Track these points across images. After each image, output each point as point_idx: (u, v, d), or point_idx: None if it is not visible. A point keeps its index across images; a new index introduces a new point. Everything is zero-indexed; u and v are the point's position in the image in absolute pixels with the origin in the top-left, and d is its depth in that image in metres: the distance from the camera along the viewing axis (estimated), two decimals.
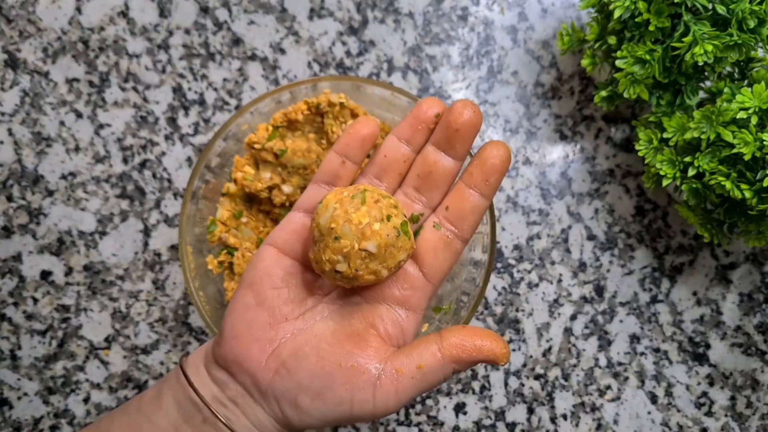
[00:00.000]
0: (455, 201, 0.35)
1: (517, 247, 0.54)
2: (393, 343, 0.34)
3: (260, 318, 0.33)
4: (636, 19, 0.45)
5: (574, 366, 0.53)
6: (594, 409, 0.53)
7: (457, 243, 0.35)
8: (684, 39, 0.44)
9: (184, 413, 0.32)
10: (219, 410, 0.32)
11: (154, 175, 0.53)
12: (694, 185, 0.46)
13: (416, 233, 0.35)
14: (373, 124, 0.35)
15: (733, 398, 0.53)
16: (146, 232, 0.53)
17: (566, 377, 0.53)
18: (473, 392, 0.53)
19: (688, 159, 0.45)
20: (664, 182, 0.47)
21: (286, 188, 0.45)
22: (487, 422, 0.53)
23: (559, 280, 0.54)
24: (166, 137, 0.53)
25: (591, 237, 0.54)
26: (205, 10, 0.55)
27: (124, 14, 0.54)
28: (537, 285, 0.54)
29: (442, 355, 0.32)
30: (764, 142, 0.41)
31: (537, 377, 0.53)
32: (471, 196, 0.35)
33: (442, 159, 0.35)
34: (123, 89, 0.53)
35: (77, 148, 0.53)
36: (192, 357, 0.35)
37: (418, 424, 0.52)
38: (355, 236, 0.32)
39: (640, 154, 0.48)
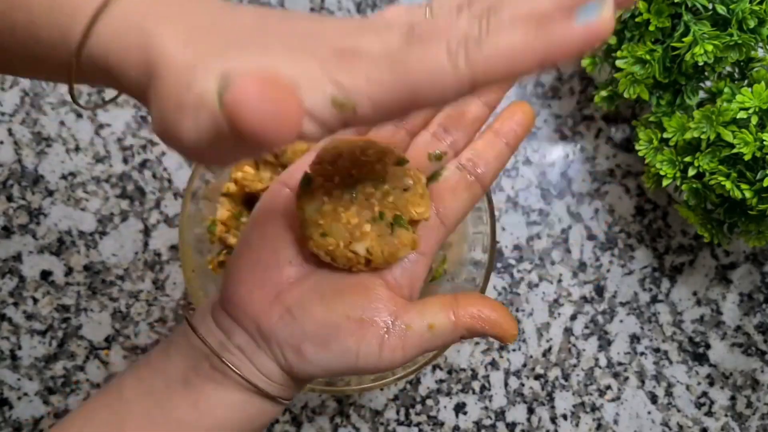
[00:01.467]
0: (482, 146, 0.35)
1: (517, 247, 0.54)
2: (402, 292, 0.33)
3: (264, 259, 0.32)
4: (636, 19, 0.45)
5: (574, 366, 0.53)
6: (594, 409, 0.53)
7: (477, 187, 0.35)
8: (684, 39, 0.44)
9: (192, 362, 0.32)
10: (225, 357, 0.31)
11: (154, 175, 0.53)
12: (694, 185, 0.46)
13: (438, 174, 0.35)
14: None
15: (733, 398, 0.53)
16: (146, 232, 0.53)
17: (566, 377, 0.53)
18: (473, 392, 0.53)
19: (688, 159, 0.45)
20: (664, 182, 0.47)
21: None
22: (487, 422, 0.53)
23: (559, 280, 0.54)
24: None
25: (591, 237, 0.54)
26: None
27: None
28: (537, 285, 0.54)
29: (456, 321, 0.32)
30: (764, 142, 0.41)
31: (537, 377, 0.53)
32: (498, 143, 0.35)
33: (475, 103, 0.35)
34: None
35: (77, 148, 0.53)
36: (199, 309, 0.34)
37: (418, 424, 0.52)
38: (343, 236, 0.31)
39: (640, 154, 0.48)
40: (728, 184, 0.43)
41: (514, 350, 0.53)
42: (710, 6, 0.44)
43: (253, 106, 0.20)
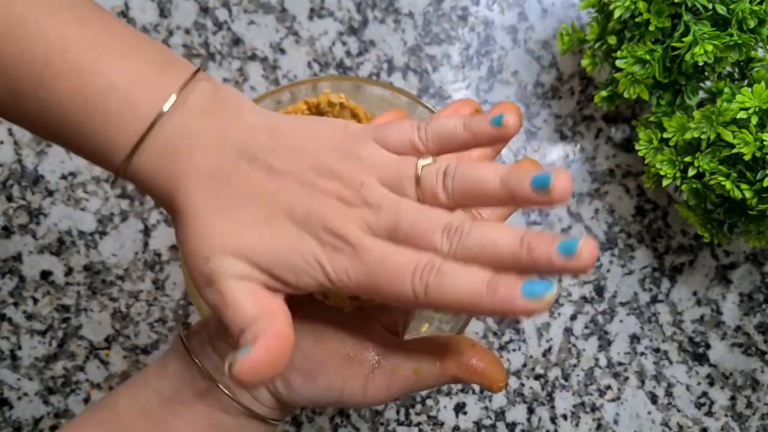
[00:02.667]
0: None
1: None
2: (393, 328, 0.34)
3: None
4: (636, 19, 0.45)
5: (574, 366, 0.53)
6: (594, 409, 0.53)
7: None
8: (684, 39, 0.44)
9: (188, 381, 0.32)
10: (220, 379, 0.32)
11: None
12: (694, 185, 0.46)
13: None
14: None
15: (733, 398, 0.53)
16: (146, 232, 0.53)
17: (566, 377, 0.53)
18: (473, 392, 0.53)
19: (688, 159, 0.45)
20: (664, 182, 0.47)
21: None
22: (487, 422, 0.53)
23: (559, 280, 0.54)
24: None
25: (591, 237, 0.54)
26: (205, 10, 0.55)
27: (124, 14, 0.54)
28: None
29: (442, 368, 0.32)
30: (764, 142, 0.41)
31: (537, 377, 0.53)
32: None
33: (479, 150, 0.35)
34: None
35: None
36: (196, 327, 0.35)
37: (418, 424, 0.52)
38: None
39: (640, 154, 0.48)
40: (728, 184, 0.43)
41: (514, 350, 0.53)
42: (710, 6, 0.44)
43: (253, 379, 0.26)
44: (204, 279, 0.29)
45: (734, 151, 0.42)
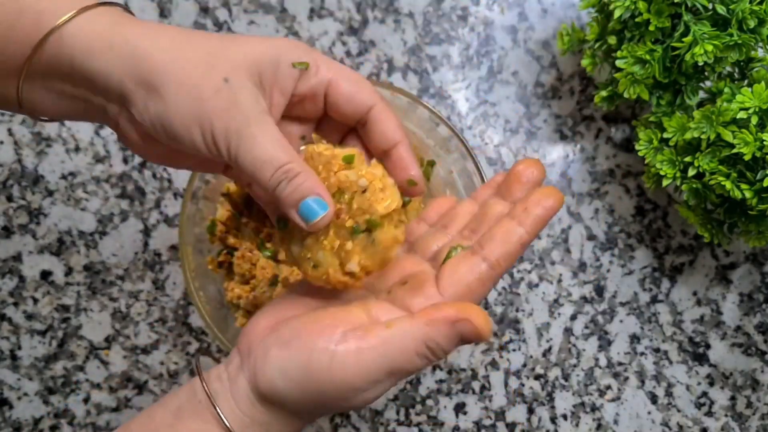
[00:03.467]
0: (496, 231, 0.34)
1: None
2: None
3: (278, 300, 0.35)
4: (636, 19, 0.45)
5: (574, 366, 0.53)
6: (594, 409, 0.53)
7: (481, 264, 0.33)
8: (684, 39, 0.44)
9: (189, 395, 0.34)
10: (213, 385, 0.33)
11: (154, 175, 0.53)
12: (694, 185, 0.46)
13: (449, 256, 0.35)
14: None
15: (733, 398, 0.53)
16: (146, 232, 0.53)
17: (566, 377, 0.53)
18: (473, 392, 0.53)
19: (688, 159, 0.45)
20: (664, 182, 0.47)
21: None
22: (487, 422, 0.53)
23: (559, 280, 0.54)
24: None
25: (591, 237, 0.54)
26: (205, 10, 0.55)
27: None
28: (537, 285, 0.54)
29: (416, 318, 0.31)
30: (764, 142, 0.41)
31: (537, 377, 0.53)
32: (511, 224, 0.34)
33: (497, 203, 0.36)
34: None
35: (77, 148, 0.53)
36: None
37: (418, 424, 0.52)
38: (332, 262, 0.33)
39: (640, 154, 0.48)
40: (728, 184, 0.43)
41: (514, 350, 0.53)
42: (710, 6, 0.44)
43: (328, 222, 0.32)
44: (228, 121, 0.31)
45: (734, 151, 0.42)
